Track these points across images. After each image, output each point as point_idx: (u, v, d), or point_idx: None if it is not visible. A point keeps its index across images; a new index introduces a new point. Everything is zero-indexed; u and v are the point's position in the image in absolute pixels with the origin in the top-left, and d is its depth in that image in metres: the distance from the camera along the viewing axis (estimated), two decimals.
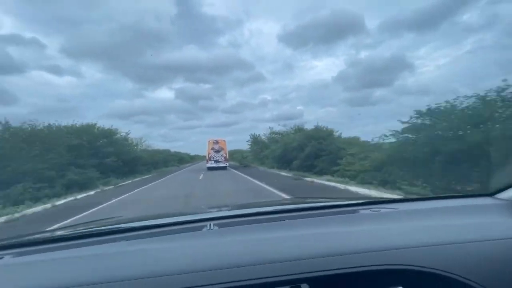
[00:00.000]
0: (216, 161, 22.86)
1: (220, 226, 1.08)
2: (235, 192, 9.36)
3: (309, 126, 20.70)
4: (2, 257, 0.89)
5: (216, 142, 23.43)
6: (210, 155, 23.03)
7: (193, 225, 1.14)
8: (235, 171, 20.58)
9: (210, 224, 1.10)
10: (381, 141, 9.49)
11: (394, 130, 8.50)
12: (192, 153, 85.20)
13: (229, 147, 26.36)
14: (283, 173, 16.11)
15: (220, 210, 1.56)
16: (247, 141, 32.16)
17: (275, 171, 18.52)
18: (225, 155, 23.36)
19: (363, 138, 14.95)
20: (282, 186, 9.98)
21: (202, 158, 79.41)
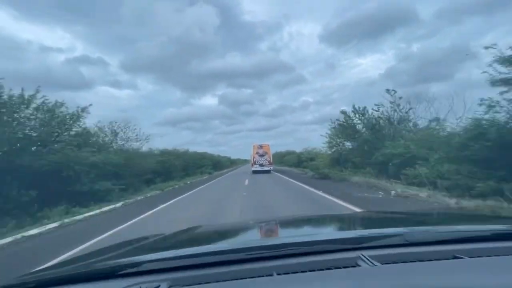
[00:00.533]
0: (261, 165, 23.49)
1: (379, 260, 0.81)
2: None
3: None
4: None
5: (260, 146, 24.09)
6: (255, 159, 23.70)
7: (337, 256, 0.88)
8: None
9: (363, 256, 0.84)
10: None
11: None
12: (234, 156, 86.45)
13: (272, 150, 25.40)
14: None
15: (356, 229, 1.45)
16: (329, 126, 18.50)
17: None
18: (269, 159, 23.81)
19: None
20: None
21: (243, 162, 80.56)
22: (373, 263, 0.80)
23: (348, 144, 17.54)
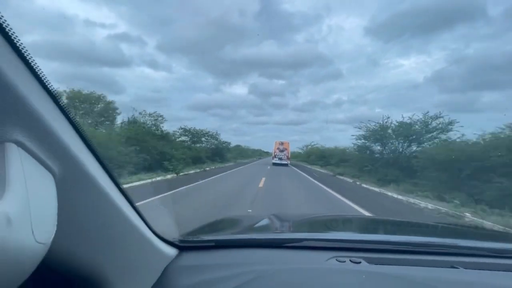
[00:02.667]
0: (280, 159, 27.59)
1: (469, 267, 0.90)
2: None
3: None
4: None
5: (282, 143, 28.36)
6: (275, 153, 28.10)
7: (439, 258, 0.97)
8: None
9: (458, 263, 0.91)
10: None
11: None
12: (257, 147, 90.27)
13: (298, 145, 31.17)
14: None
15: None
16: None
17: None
18: (287, 155, 28.19)
19: None
20: None
21: (264, 154, 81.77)
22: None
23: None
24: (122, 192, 0.66)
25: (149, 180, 10.20)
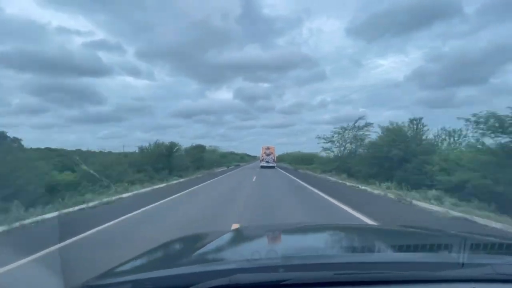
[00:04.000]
0: (267, 162, 31.25)
1: None
2: None
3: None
4: None
5: (268, 148, 32.13)
6: (262, 157, 31.92)
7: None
8: None
9: None
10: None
11: None
12: (243, 152, 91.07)
13: (285, 149, 33.10)
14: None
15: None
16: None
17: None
18: (273, 158, 32.07)
19: None
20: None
21: (250, 159, 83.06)
22: None
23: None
24: None
25: None
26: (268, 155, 31.70)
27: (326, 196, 9.53)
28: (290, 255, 1.16)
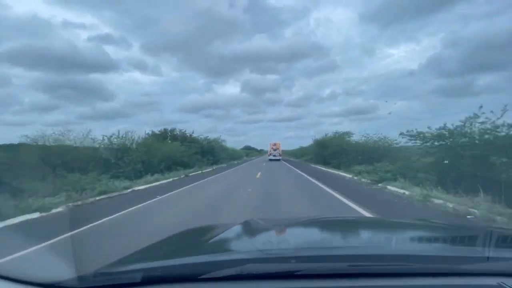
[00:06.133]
0: (274, 156, 38.37)
1: None
2: None
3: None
4: None
5: (274, 144, 39.63)
6: (270, 152, 39.48)
7: (476, 282, 0.78)
8: None
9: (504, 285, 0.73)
10: None
11: None
12: (252, 146, 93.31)
13: (293, 142, 39.12)
14: None
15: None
16: None
17: None
18: (279, 152, 39.52)
19: None
20: None
21: (257, 153, 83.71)
22: None
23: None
24: None
25: None
26: (275, 150, 38.98)
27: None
28: (302, 246, 1.15)
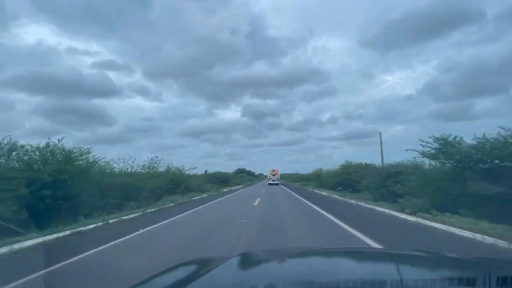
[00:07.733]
0: (273, 180, 43.24)
1: None
2: None
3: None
4: None
5: (273, 170, 44.81)
6: (269, 177, 45.17)
7: None
8: None
9: None
10: None
11: None
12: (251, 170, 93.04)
13: (292, 167, 42.74)
14: None
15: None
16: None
17: None
18: (278, 177, 44.73)
19: None
20: None
21: (255, 179, 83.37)
22: None
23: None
24: None
25: None
26: (274, 175, 44.07)
27: None
28: (307, 280, 1.11)
